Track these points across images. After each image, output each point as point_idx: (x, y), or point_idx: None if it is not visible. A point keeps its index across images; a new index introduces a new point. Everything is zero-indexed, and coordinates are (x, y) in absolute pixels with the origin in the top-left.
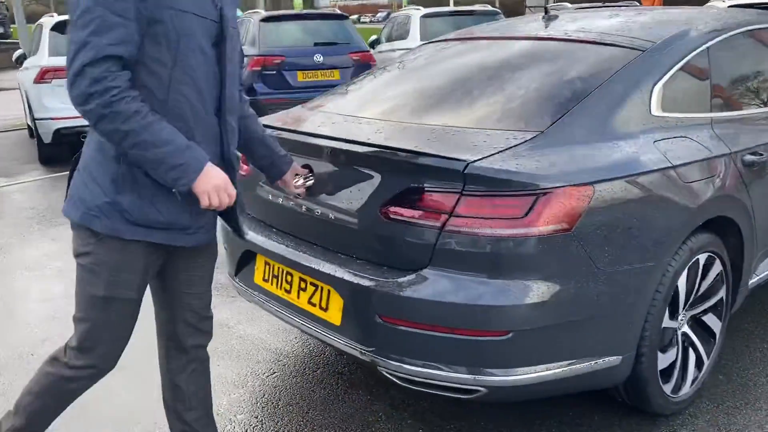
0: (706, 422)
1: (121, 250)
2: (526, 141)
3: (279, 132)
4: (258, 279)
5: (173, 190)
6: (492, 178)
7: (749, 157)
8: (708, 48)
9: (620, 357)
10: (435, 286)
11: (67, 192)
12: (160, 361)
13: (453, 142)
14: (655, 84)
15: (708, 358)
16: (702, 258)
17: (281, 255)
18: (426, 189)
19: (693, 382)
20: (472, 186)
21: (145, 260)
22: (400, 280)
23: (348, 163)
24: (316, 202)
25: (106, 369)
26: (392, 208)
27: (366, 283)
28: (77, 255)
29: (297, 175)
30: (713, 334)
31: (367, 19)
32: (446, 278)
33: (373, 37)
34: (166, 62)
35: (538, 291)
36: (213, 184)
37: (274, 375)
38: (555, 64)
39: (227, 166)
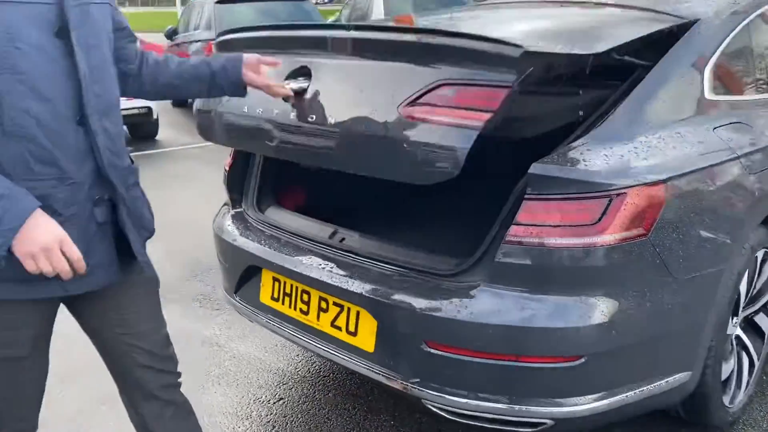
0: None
1: None
2: (586, 132)
3: (263, 32)
4: (265, 297)
5: None
6: (557, 179)
7: None
8: (750, 22)
9: (690, 372)
10: (495, 306)
11: None
12: (130, 415)
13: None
14: (706, 63)
15: (758, 359)
16: (760, 255)
17: (295, 270)
18: (465, 83)
19: (746, 387)
20: (535, 189)
21: (23, 316)
22: (453, 299)
23: (359, 53)
24: (314, 111)
25: None
26: (419, 107)
27: (408, 303)
28: None
29: (285, 81)
30: (763, 334)
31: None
32: (508, 297)
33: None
34: None
35: (614, 307)
36: (40, 245)
37: (281, 402)
38: (608, 33)
39: (106, 184)
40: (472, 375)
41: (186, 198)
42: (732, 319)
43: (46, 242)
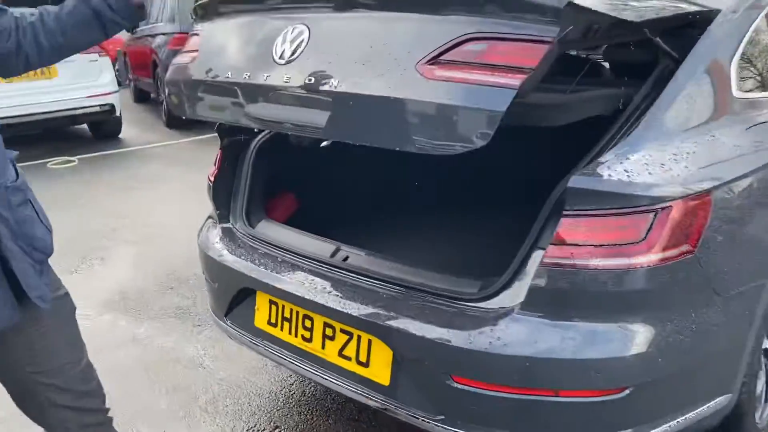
0: None
1: None
2: (621, 135)
3: None
4: (260, 322)
5: None
6: (600, 193)
7: None
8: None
9: (730, 394)
10: (532, 336)
11: None
12: None
13: None
14: (732, 56)
15: None
16: None
17: (295, 294)
18: (497, 37)
19: None
20: (575, 205)
21: None
22: (483, 328)
23: (367, 3)
24: (313, 73)
25: None
26: (441, 65)
27: (429, 331)
28: None
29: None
30: None
31: None
32: (546, 326)
33: None
34: None
35: (660, 332)
36: None
37: (278, 431)
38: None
39: None
40: (506, 412)
41: (155, 201)
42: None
43: None
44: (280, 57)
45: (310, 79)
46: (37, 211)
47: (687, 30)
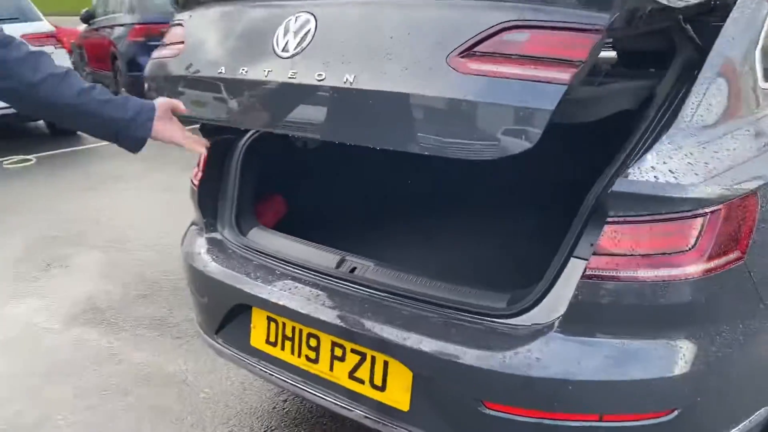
0: None
1: None
2: (655, 132)
3: None
4: (257, 341)
5: None
6: (647, 197)
7: None
8: None
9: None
10: (573, 356)
11: None
12: None
13: None
14: (756, 46)
15: None
16: None
17: (297, 311)
18: (540, 25)
19: None
20: (620, 210)
21: None
22: (518, 349)
23: None
24: (324, 66)
25: None
26: (477, 58)
27: (456, 352)
28: None
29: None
30: None
31: None
32: (588, 345)
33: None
34: None
35: (709, 347)
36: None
37: None
38: None
39: None
40: None
41: (119, 202)
42: None
43: None
44: (283, 50)
45: (320, 75)
46: None
47: (705, 17)
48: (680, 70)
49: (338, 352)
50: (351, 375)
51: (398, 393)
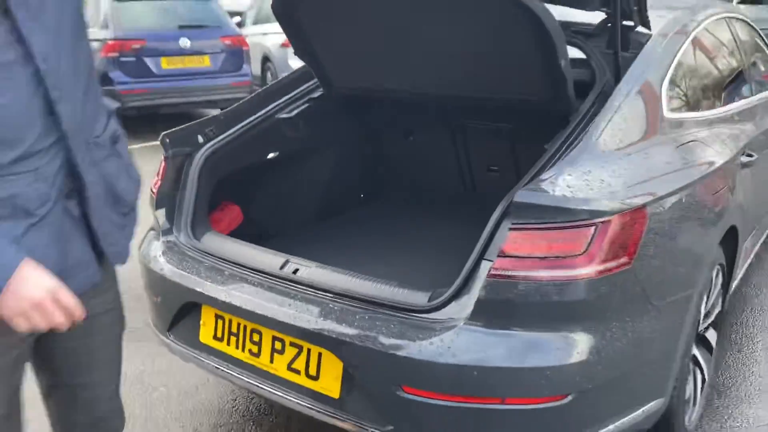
0: None
1: None
2: (563, 152)
3: None
4: (205, 337)
5: None
6: (545, 207)
7: (744, 158)
8: (693, 39)
9: (663, 399)
10: (479, 346)
11: None
12: None
13: None
14: (663, 78)
15: (707, 374)
16: (714, 273)
17: (242, 307)
18: None
19: (698, 402)
20: (521, 218)
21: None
22: (433, 339)
23: None
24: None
25: None
26: None
27: (380, 343)
28: None
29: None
30: (711, 348)
31: None
32: (492, 336)
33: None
34: None
35: (600, 340)
36: (30, 300)
37: None
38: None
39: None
40: (454, 421)
41: None
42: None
43: (36, 299)
44: None
45: None
46: (126, 163)
47: (622, 52)
48: (595, 98)
49: (278, 345)
50: (289, 366)
51: (330, 381)
